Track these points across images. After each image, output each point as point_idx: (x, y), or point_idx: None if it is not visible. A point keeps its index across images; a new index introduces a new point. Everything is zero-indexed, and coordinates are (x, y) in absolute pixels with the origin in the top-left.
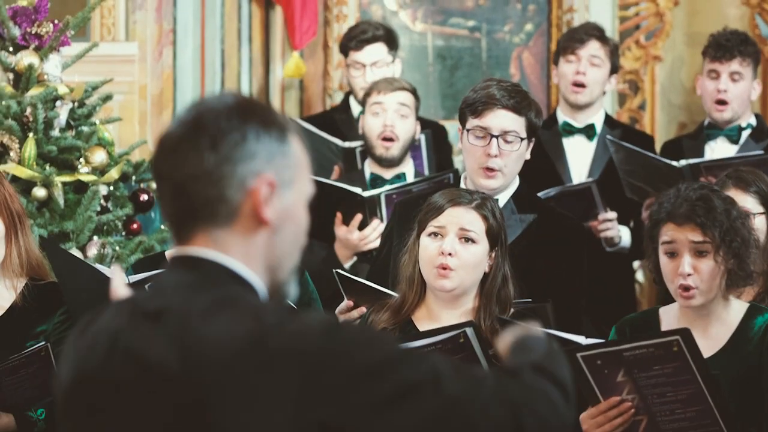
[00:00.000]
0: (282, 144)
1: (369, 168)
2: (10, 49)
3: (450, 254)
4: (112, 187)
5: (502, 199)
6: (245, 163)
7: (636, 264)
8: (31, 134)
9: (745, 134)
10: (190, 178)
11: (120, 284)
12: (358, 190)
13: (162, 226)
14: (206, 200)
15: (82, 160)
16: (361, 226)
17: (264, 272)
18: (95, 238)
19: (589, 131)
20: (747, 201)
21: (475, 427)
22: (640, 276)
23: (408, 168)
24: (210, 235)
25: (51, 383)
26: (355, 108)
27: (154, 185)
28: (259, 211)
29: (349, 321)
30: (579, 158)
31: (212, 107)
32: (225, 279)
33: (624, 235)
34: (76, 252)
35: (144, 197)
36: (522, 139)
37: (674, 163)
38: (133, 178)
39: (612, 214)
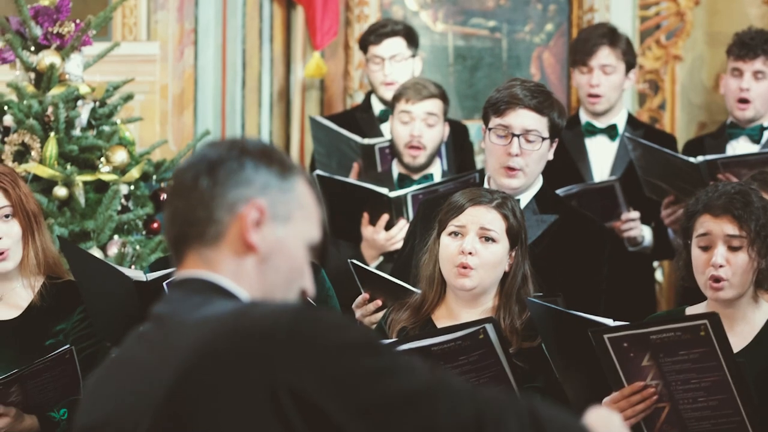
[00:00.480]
0: (283, 180)
1: (397, 168)
2: (32, 48)
3: (470, 253)
4: (132, 187)
5: (525, 199)
6: (238, 189)
7: (655, 263)
8: (52, 133)
9: (767, 134)
10: (184, 200)
11: None
12: (384, 190)
13: None
14: (196, 220)
15: (103, 159)
16: (388, 227)
17: (256, 296)
18: (116, 237)
19: (611, 131)
20: None
21: (437, 420)
22: (658, 275)
23: (435, 169)
24: (200, 255)
25: (74, 384)
26: (377, 106)
27: None
28: (245, 234)
29: (328, 309)
30: (601, 158)
31: (219, 144)
32: (212, 291)
33: (646, 235)
34: (96, 251)
35: (164, 197)
36: (544, 139)
37: (691, 159)
38: (154, 177)
39: (635, 214)
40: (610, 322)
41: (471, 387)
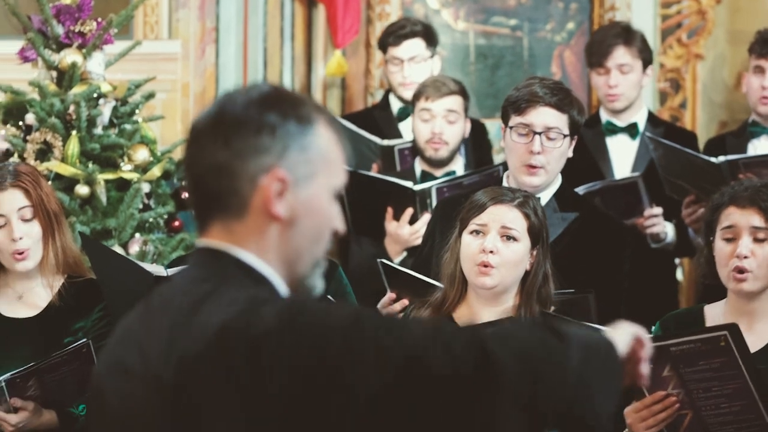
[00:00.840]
0: (303, 135)
1: (419, 166)
2: (54, 47)
3: (491, 252)
4: (154, 185)
5: (545, 197)
6: (258, 158)
7: (675, 261)
8: (74, 132)
9: None
10: (205, 169)
11: None
12: (408, 183)
13: None
14: (218, 192)
15: (124, 157)
16: (412, 221)
17: (281, 266)
18: (137, 235)
19: (632, 130)
20: None
21: (434, 362)
22: (679, 274)
23: (458, 166)
24: (225, 227)
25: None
26: (395, 105)
27: None
28: (270, 207)
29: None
30: (622, 157)
31: (236, 99)
32: (234, 271)
33: (669, 232)
34: (117, 249)
35: (186, 195)
36: (565, 136)
37: (713, 159)
38: (175, 175)
39: (658, 210)
40: None
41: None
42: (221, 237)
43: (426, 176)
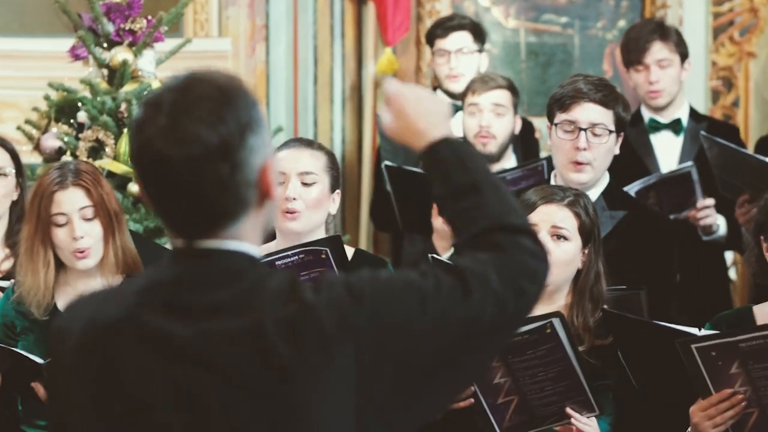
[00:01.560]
0: (263, 123)
1: None
2: (104, 45)
3: None
4: None
5: (593, 195)
6: (251, 161)
7: (729, 260)
8: (126, 130)
9: None
10: (207, 191)
11: None
12: None
13: None
14: (225, 208)
15: None
16: None
17: (261, 239)
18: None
19: (675, 126)
20: None
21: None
22: (732, 274)
23: (510, 163)
24: (225, 230)
25: None
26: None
27: None
28: (269, 192)
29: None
30: (668, 153)
31: (195, 112)
32: (249, 265)
33: (721, 224)
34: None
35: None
36: (610, 132)
37: (767, 159)
38: None
39: (710, 201)
40: (695, 331)
41: (491, 263)
42: (223, 237)
43: None
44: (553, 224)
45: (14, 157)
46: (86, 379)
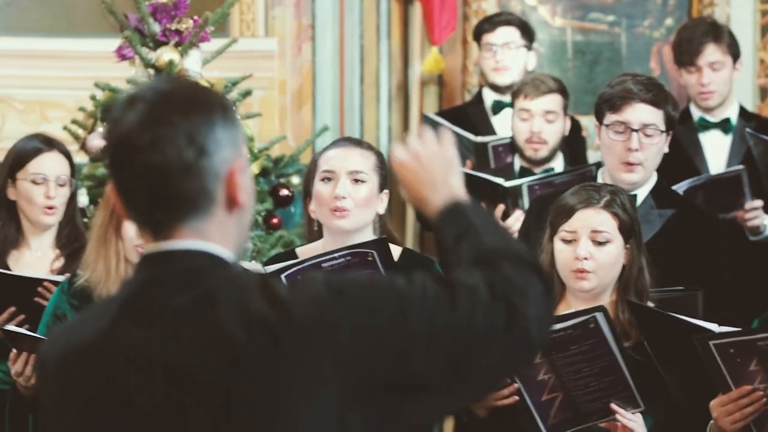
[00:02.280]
0: (237, 125)
1: (518, 162)
2: (151, 45)
3: (585, 258)
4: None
5: (641, 194)
6: (219, 153)
7: None
8: None
9: None
10: (171, 172)
11: None
12: (500, 180)
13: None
14: (188, 194)
15: None
16: (503, 218)
17: (234, 251)
18: (249, 234)
19: (725, 125)
20: None
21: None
22: None
23: (557, 163)
24: (191, 227)
25: None
26: (489, 99)
27: (294, 180)
28: (236, 197)
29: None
30: (716, 152)
31: (169, 101)
32: (214, 265)
33: None
34: None
35: (284, 192)
36: (662, 132)
37: None
38: (273, 173)
39: (758, 202)
40: (714, 327)
41: (482, 282)
42: (187, 236)
43: (525, 172)
44: (593, 229)
45: (71, 162)
46: (71, 404)
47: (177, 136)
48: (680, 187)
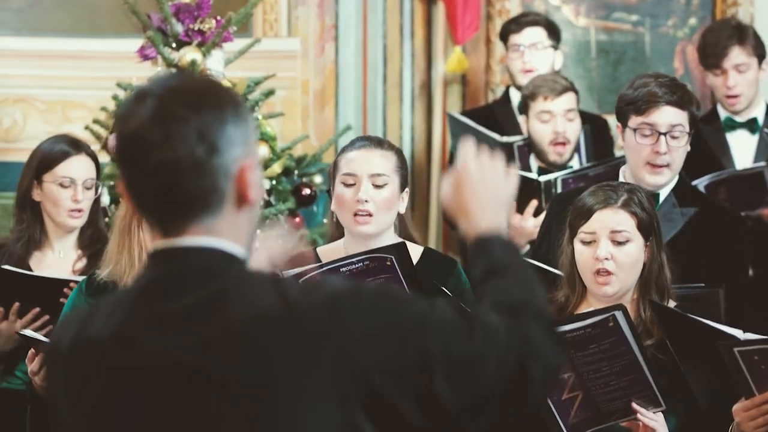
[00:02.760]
0: (248, 122)
1: (535, 163)
2: (173, 45)
3: (606, 258)
4: (274, 182)
5: (664, 192)
6: (229, 151)
7: None
8: None
9: None
10: (182, 170)
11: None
12: (533, 175)
13: (324, 220)
14: (199, 192)
15: None
16: (536, 213)
17: (245, 247)
18: (257, 232)
19: (751, 125)
20: None
21: (487, 375)
22: None
23: (574, 162)
24: (202, 225)
25: None
26: (515, 99)
27: (317, 180)
28: (247, 195)
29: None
30: (743, 152)
31: (179, 97)
32: (226, 263)
33: None
34: None
35: (306, 191)
36: (687, 133)
37: None
38: (296, 172)
39: None
40: (739, 333)
41: (504, 329)
42: (200, 233)
43: (542, 173)
44: (612, 230)
45: (97, 165)
46: (78, 401)
47: (188, 133)
48: (701, 182)
